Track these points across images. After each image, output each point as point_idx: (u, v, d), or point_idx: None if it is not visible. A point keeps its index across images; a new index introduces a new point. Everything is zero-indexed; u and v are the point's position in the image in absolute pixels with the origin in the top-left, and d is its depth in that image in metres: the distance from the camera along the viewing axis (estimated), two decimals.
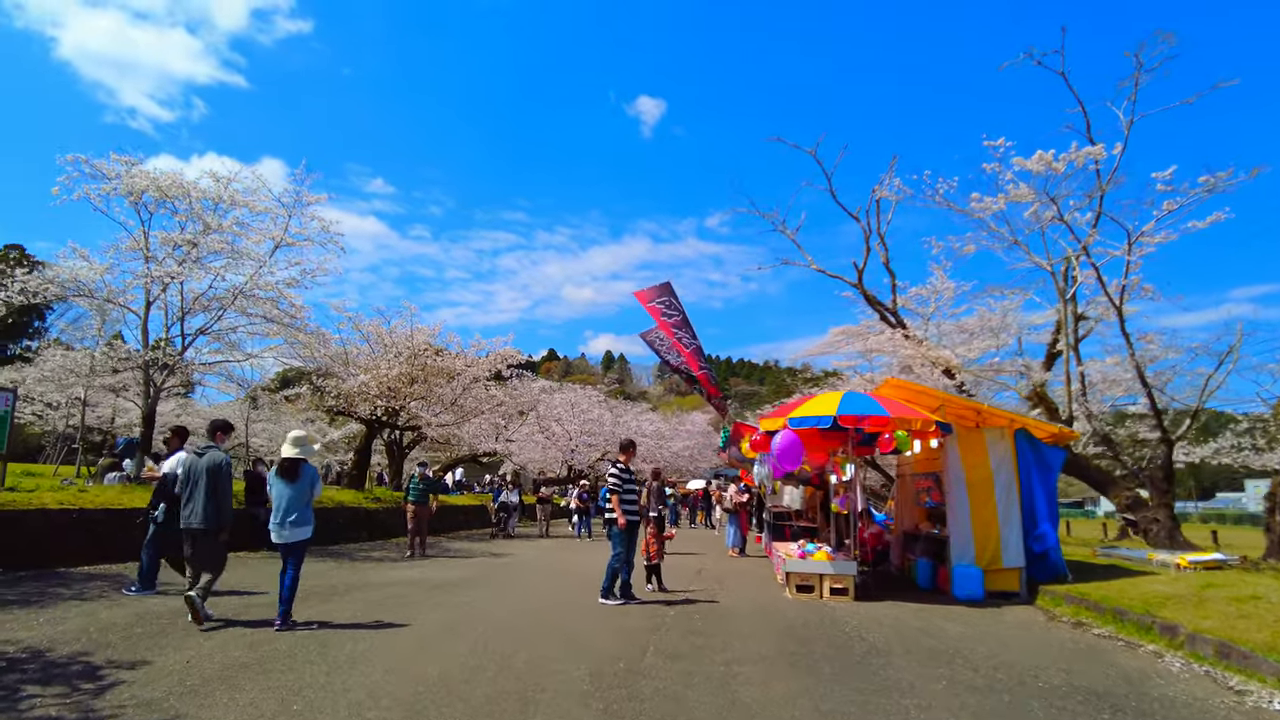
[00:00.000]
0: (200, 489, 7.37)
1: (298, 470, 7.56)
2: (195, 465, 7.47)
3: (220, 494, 7.44)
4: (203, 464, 7.45)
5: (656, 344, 19.02)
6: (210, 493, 7.36)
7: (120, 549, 11.80)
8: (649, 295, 16.30)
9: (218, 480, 7.44)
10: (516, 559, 15.23)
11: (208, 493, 7.35)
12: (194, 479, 7.42)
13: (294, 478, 7.51)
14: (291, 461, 7.56)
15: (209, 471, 7.41)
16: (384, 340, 23.19)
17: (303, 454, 7.66)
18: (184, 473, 7.55)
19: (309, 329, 18.09)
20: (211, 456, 7.52)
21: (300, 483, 7.55)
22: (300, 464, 7.60)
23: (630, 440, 10.46)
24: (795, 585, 10.37)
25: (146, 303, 16.12)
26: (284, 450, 7.68)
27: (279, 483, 7.49)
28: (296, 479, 7.52)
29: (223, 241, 15.77)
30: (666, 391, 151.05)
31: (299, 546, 7.58)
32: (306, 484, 7.59)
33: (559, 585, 11.16)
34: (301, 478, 7.57)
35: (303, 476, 7.58)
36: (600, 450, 42.63)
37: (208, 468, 7.42)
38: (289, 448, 7.67)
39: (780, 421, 10.56)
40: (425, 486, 16.16)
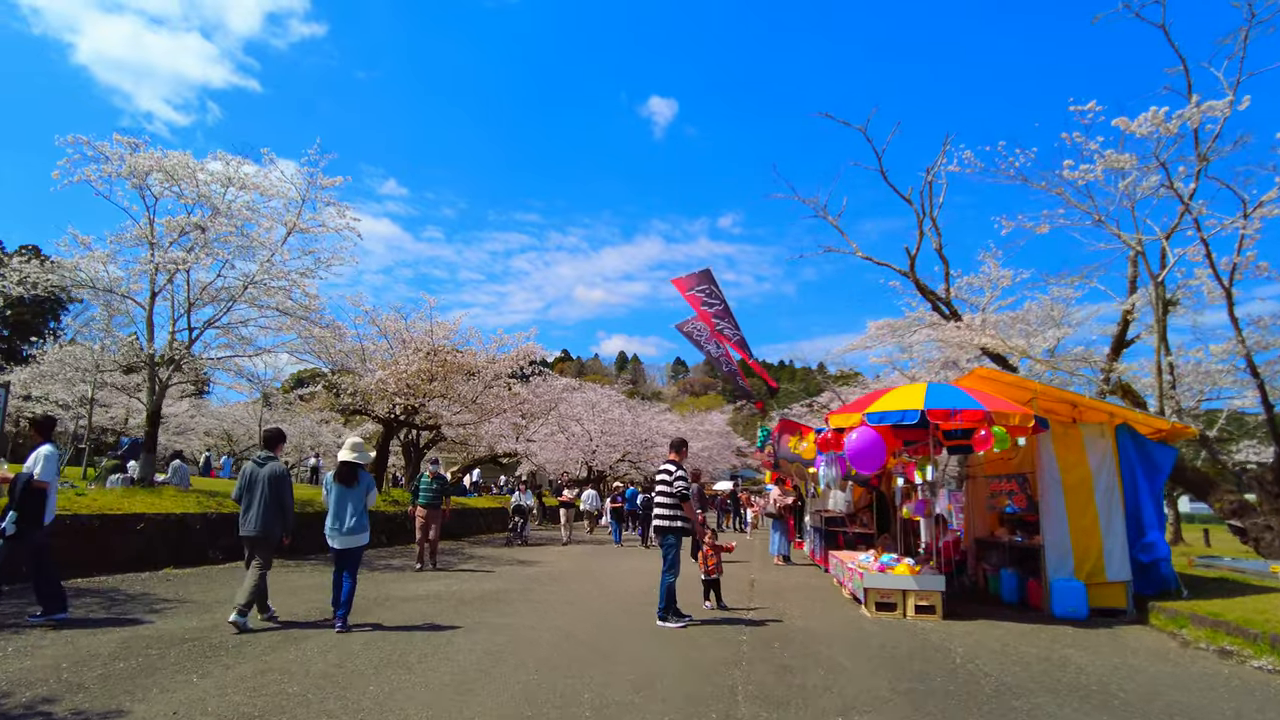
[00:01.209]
0: (260, 497, 7.54)
1: (356, 475, 7.71)
2: (256, 474, 7.65)
3: (284, 502, 7.65)
4: (264, 473, 7.63)
5: (694, 335, 17.82)
6: (273, 501, 7.57)
7: (118, 558, 10.73)
8: (687, 283, 15.11)
9: (280, 489, 7.65)
10: (548, 569, 14.05)
11: (269, 501, 7.55)
12: (253, 488, 7.60)
13: (352, 483, 7.67)
14: (350, 466, 7.68)
15: (270, 481, 7.60)
16: (402, 336, 22.09)
17: (360, 459, 7.79)
18: (243, 482, 7.68)
19: (324, 322, 17.01)
20: (272, 467, 7.71)
21: (359, 488, 7.71)
22: (359, 469, 7.75)
23: (683, 439, 9.26)
24: (875, 602, 9.14)
25: (151, 293, 15.04)
26: (342, 455, 7.79)
27: (337, 488, 7.64)
28: (355, 484, 7.69)
29: (232, 226, 14.67)
30: (680, 392, 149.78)
31: (358, 552, 7.70)
32: (364, 489, 7.76)
33: (605, 602, 9.96)
34: (360, 483, 7.74)
35: (361, 482, 7.76)
36: (620, 451, 41.45)
37: (269, 477, 7.61)
38: (347, 453, 7.78)
39: (855, 417, 9.33)
40: (439, 487, 14.26)
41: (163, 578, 10.45)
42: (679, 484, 8.42)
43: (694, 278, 15.10)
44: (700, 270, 15.11)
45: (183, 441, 40.70)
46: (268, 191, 15.49)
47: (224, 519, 13.05)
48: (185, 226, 14.76)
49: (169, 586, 9.63)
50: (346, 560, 7.60)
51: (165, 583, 10.00)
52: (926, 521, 10.60)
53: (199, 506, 12.94)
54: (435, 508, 13.98)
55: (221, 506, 13.47)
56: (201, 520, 12.54)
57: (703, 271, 15.13)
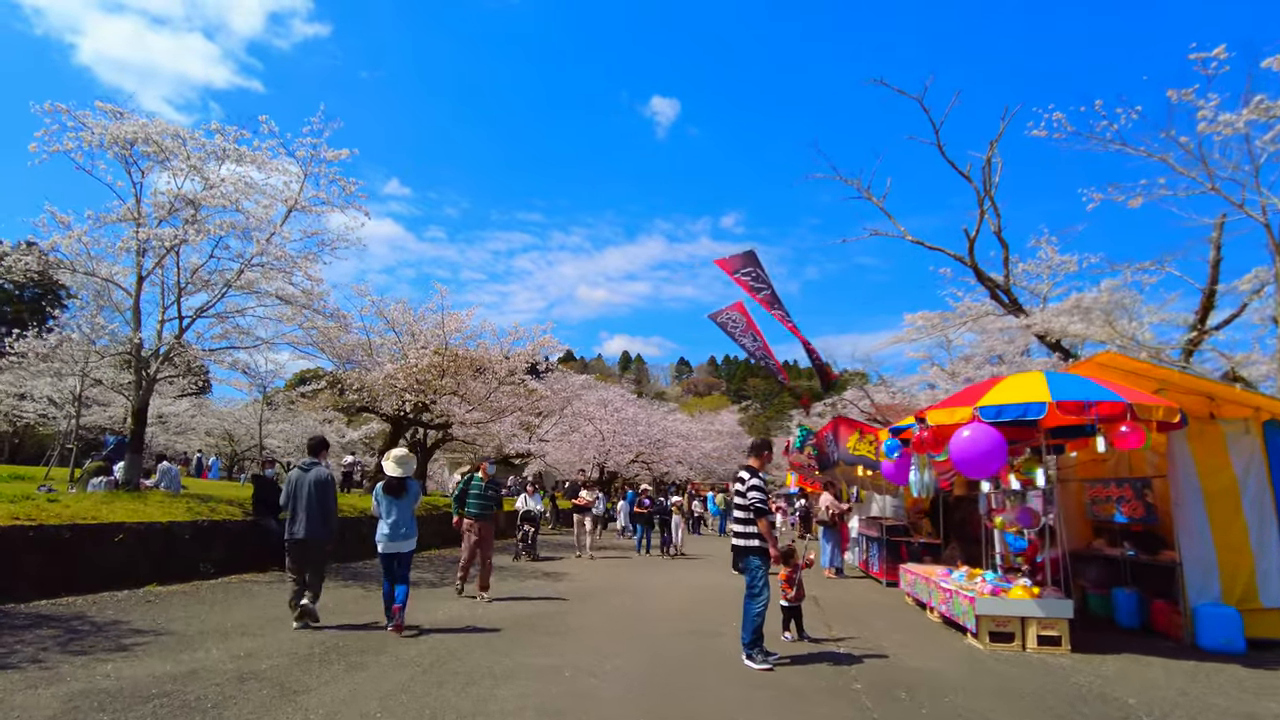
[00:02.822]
0: (305, 503, 7.85)
1: (404, 487, 8.07)
2: (301, 480, 7.95)
3: (328, 507, 8.01)
4: (309, 479, 7.94)
5: (729, 325, 16.33)
6: (319, 506, 7.89)
7: (91, 575, 9.26)
8: (733, 264, 13.64)
9: (325, 494, 7.98)
10: (576, 584, 12.52)
11: (315, 506, 7.87)
12: (300, 494, 7.90)
13: (401, 494, 8.03)
14: (399, 480, 8.05)
15: (316, 486, 7.92)
16: (411, 329, 20.65)
17: (405, 473, 8.14)
18: (290, 488, 7.99)
19: (328, 311, 15.52)
20: (317, 473, 8.04)
21: (407, 498, 8.07)
22: (406, 480, 8.11)
23: (766, 441, 7.72)
24: (989, 631, 7.65)
25: (138, 277, 13.55)
26: (389, 469, 8.10)
27: (387, 499, 8.00)
28: (403, 495, 8.04)
29: (227, 202, 13.19)
30: (685, 392, 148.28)
31: (407, 556, 8.05)
32: (412, 498, 8.14)
33: (657, 627, 8.47)
34: (408, 493, 8.08)
35: (409, 491, 8.10)
36: (634, 451, 40.00)
37: (314, 482, 7.93)
38: (394, 467, 8.10)
39: (962, 412, 7.82)
40: (493, 493, 10.91)
41: (143, 598, 8.97)
42: (753, 495, 6.90)
43: (739, 259, 13.65)
44: (744, 251, 13.67)
45: (183, 442, 39.32)
46: (266, 166, 14.00)
47: (216, 527, 11.58)
48: (174, 203, 13.33)
49: (147, 610, 8.16)
50: (399, 564, 7.94)
51: (144, 605, 8.52)
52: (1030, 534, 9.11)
53: (189, 513, 11.46)
54: (488, 518, 10.65)
55: (214, 513, 11.99)
56: (191, 529, 11.06)
57: (747, 253, 13.68)
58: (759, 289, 13.51)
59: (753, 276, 13.54)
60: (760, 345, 16.27)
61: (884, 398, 30.40)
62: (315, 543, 7.88)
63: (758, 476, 7.01)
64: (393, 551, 7.93)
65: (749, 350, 16.14)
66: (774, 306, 13.58)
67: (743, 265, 13.61)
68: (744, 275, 13.57)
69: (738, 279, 13.61)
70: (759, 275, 13.51)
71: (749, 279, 13.55)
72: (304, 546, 7.85)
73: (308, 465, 8.14)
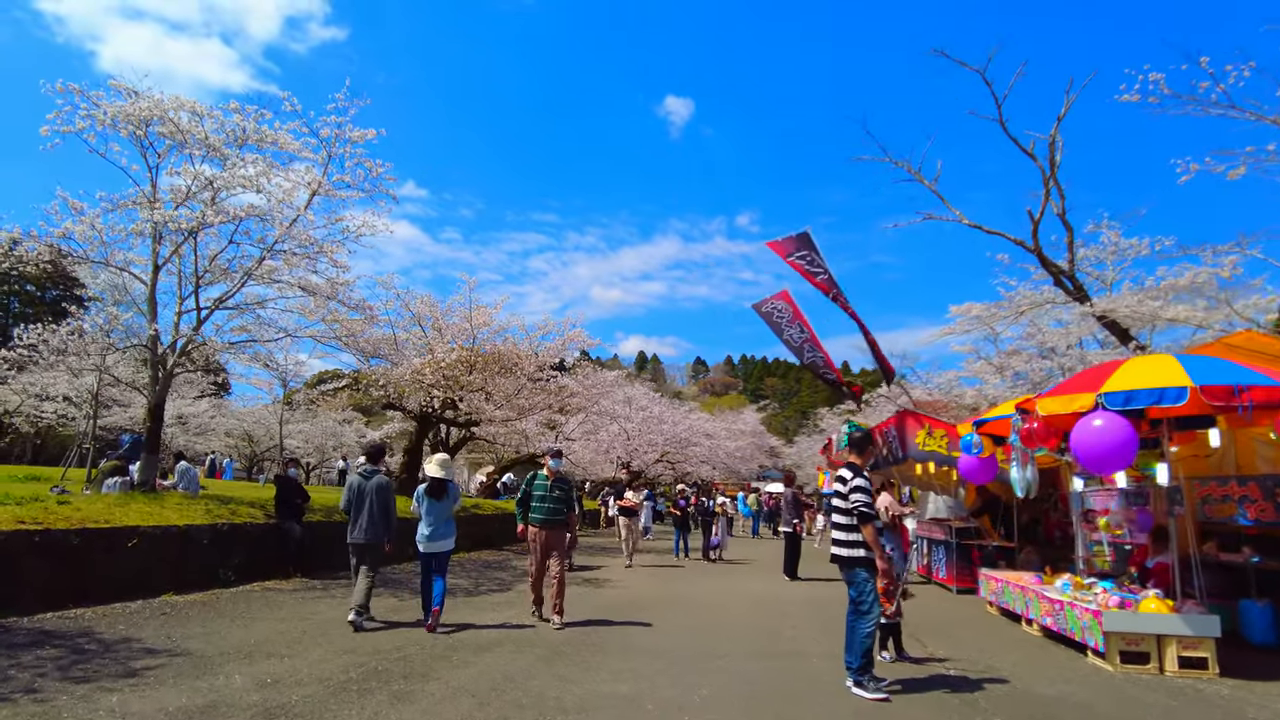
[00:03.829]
0: (368, 507, 8.24)
1: (445, 489, 8.32)
2: (364, 486, 8.34)
3: (388, 511, 8.36)
4: (371, 485, 8.33)
5: (774, 316, 15.33)
6: (380, 510, 8.28)
7: (103, 584, 8.44)
8: (787, 248, 12.63)
9: (385, 499, 8.35)
10: (632, 595, 11.57)
11: (376, 510, 8.26)
12: (363, 499, 8.28)
13: (441, 496, 8.28)
14: (439, 482, 8.29)
15: (377, 491, 8.31)
16: (438, 323, 19.80)
17: (447, 475, 8.39)
18: (352, 493, 8.38)
19: (353, 301, 14.66)
20: (378, 480, 8.41)
21: (446, 500, 8.32)
22: (446, 483, 8.36)
23: (868, 433, 6.74)
24: (1120, 650, 6.65)
25: (154, 265, 12.78)
26: (431, 472, 8.39)
27: (428, 500, 8.23)
28: (443, 497, 8.30)
29: (247, 183, 12.37)
30: (701, 392, 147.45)
31: (445, 555, 8.30)
32: (450, 500, 8.39)
33: (742, 652, 7.50)
34: (447, 495, 8.34)
35: (448, 494, 8.36)
36: (659, 450, 39.03)
37: (376, 488, 8.32)
38: (436, 469, 8.38)
39: (1084, 400, 6.82)
40: (563, 494, 8.80)
41: (158, 609, 8.13)
42: (857, 497, 5.92)
43: (792, 241, 12.66)
44: (798, 234, 12.68)
45: (203, 442, 38.78)
46: (287, 146, 13.15)
47: (237, 531, 10.75)
48: (191, 187, 12.55)
49: (162, 625, 7.31)
50: (436, 563, 8.20)
51: (159, 618, 7.69)
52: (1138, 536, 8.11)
53: (208, 516, 10.64)
54: (559, 524, 8.69)
55: (235, 516, 11.17)
56: (211, 533, 10.24)
57: (800, 235, 12.70)
58: (816, 273, 12.51)
59: (808, 260, 12.55)
60: (808, 337, 15.25)
61: (920, 394, 29.43)
62: (375, 545, 8.26)
63: (861, 475, 6.07)
64: (433, 551, 8.19)
65: (795, 343, 15.11)
66: (833, 291, 12.58)
67: (796, 248, 12.62)
68: (798, 259, 12.57)
69: (792, 262, 12.61)
70: (814, 259, 12.52)
71: (804, 263, 12.56)
72: (365, 549, 8.22)
73: (369, 472, 8.49)
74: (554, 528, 8.64)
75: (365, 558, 8.20)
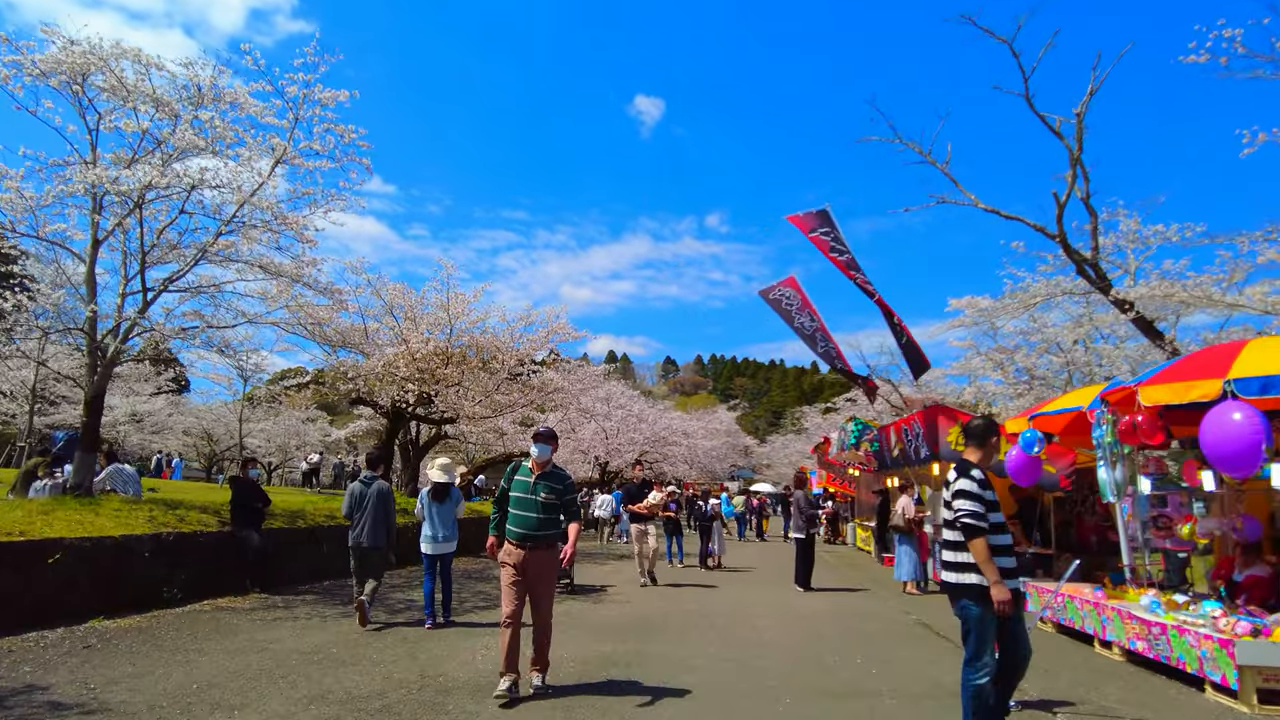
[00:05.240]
0: (369, 513, 8.33)
1: (448, 492, 8.67)
2: (365, 493, 8.43)
3: (388, 518, 8.48)
4: (372, 491, 8.44)
5: (782, 303, 14.28)
6: (382, 517, 8.40)
7: (10, 611, 7.00)
8: (810, 223, 11.50)
9: (386, 506, 8.47)
10: (638, 612, 10.37)
11: (377, 517, 8.37)
12: (364, 505, 8.37)
13: (444, 499, 8.61)
14: (443, 485, 8.62)
15: (379, 497, 8.42)
16: (412, 312, 18.36)
17: (449, 479, 8.73)
18: (354, 500, 8.44)
19: (319, 285, 13.21)
20: (378, 486, 8.53)
21: (449, 503, 8.65)
22: (449, 487, 8.70)
23: (991, 421, 5.19)
24: (1258, 688, 5.55)
25: (94, 240, 11.29)
26: (433, 476, 8.68)
27: (432, 504, 8.54)
28: (446, 500, 8.63)
29: (202, 143, 10.91)
30: (671, 391, 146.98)
31: (449, 557, 8.61)
32: (454, 503, 8.71)
33: (799, 690, 6.25)
34: (450, 498, 8.68)
35: (451, 497, 8.70)
36: (638, 449, 37.81)
37: (377, 494, 8.43)
38: (438, 473, 8.69)
39: (1207, 387, 5.72)
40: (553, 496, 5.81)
41: (81, 640, 6.72)
42: (961, 504, 4.56)
43: (814, 217, 11.53)
44: (818, 210, 11.55)
45: (159, 441, 36.81)
46: (248, 108, 11.69)
47: (185, 541, 9.31)
48: (136, 151, 11.10)
49: (82, 663, 5.91)
50: (439, 564, 8.49)
51: (81, 652, 6.28)
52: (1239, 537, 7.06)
53: (150, 525, 9.19)
54: (547, 545, 5.81)
55: (183, 523, 9.73)
56: (153, 544, 8.80)
57: (820, 212, 11.57)
58: (839, 251, 11.40)
59: (832, 238, 11.44)
60: (818, 325, 14.21)
61: (909, 391, 28.67)
62: (377, 550, 8.34)
63: (969, 477, 4.63)
64: (437, 553, 8.48)
65: (806, 331, 14.04)
66: (855, 272, 11.47)
67: (819, 224, 11.49)
68: (822, 235, 11.45)
69: (815, 239, 11.49)
70: (838, 236, 11.42)
71: (828, 239, 11.45)
72: (366, 553, 8.28)
73: (369, 479, 8.58)
74: (539, 546, 5.70)
75: (367, 563, 8.29)
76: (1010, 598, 4.32)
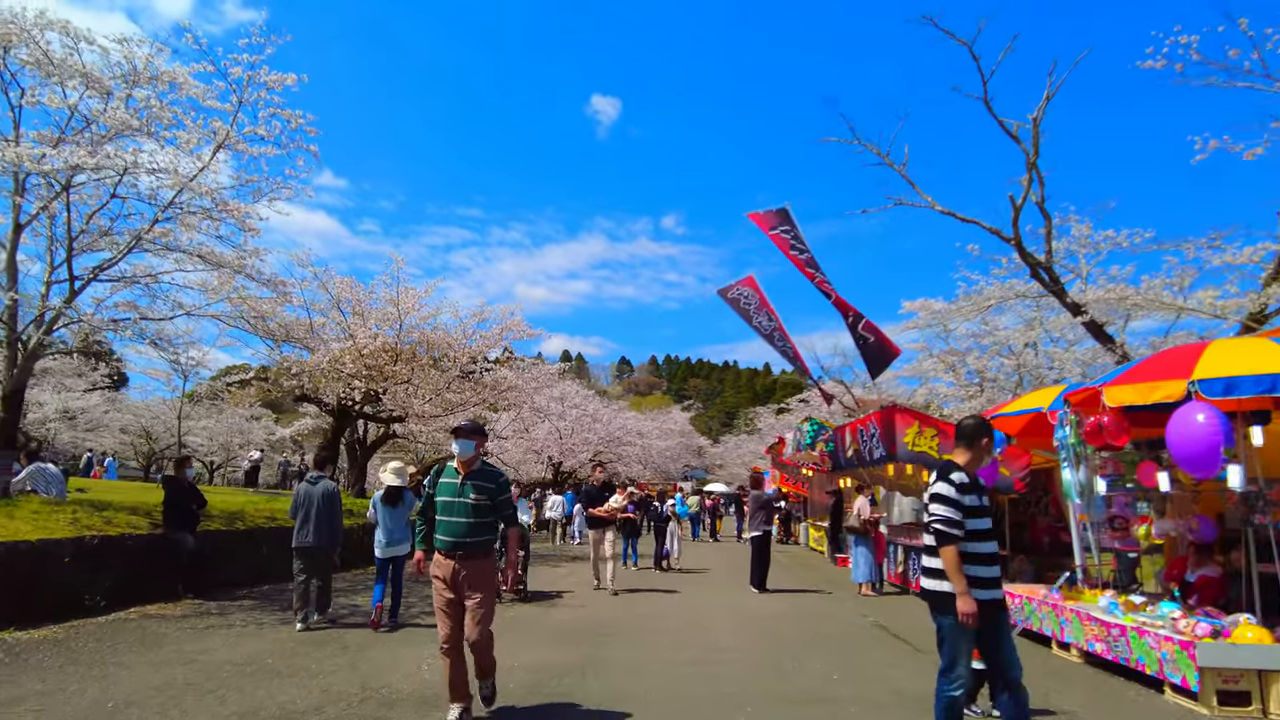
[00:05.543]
0: (314, 514, 8.18)
1: (401, 496, 8.61)
2: (310, 493, 8.31)
3: (335, 519, 8.41)
4: (317, 492, 8.34)
5: (740, 303, 14.16)
6: (327, 517, 8.28)
7: None
8: (770, 220, 11.35)
9: (333, 507, 8.38)
10: (595, 618, 10.10)
11: (323, 518, 8.23)
12: (309, 505, 8.22)
13: (396, 502, 8.55)
14: (396, 489, 8.58)
15: (324, 498, 8.31)
16: (360, 307, 17.83)
17: (402, 483, 8.69)
18: (299, 500, 8.30)
19: (262, 277, 12.67)
20: (324, 485, 8.48)
21: (402, 507, 8.59)
22: (402, 490, 8.66)
23: (982, 421, 4.69)
24: (1217, 690, 5.51)
25: (15, 223, 10.63)
26: (388, 480, 8.62)
27: (384, 508, 8.47)
28: (399, 504, 8.57)
29: (137, 124, 10.32)
30: (626, 391, 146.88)
31: (400, 560, 8.58)
32: (407, 507, 8.63)
33: (758, 697, 6.11)
34: (403, 502, 8.62)
35: (404, 501, 8.65)
36: (592, 449, 37.51)
37: (323, 495, 8.32)
38: (391, 477, 8.64)
39: (1172, 388, 5.66)
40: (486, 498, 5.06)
41: None
42: (936, 509, 4.26)
43: (774, 215, 11.39)
44: (778, 209, 11.42)
45: (94, 439, 35.31)
46: (190, 90, 11.12)
47: (110, 545, 8.76)
48: (63, 126, 10.51)
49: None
50: (391, 568, 8.50)
51: None
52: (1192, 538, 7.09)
53: (73, 528, 8.61)
54: (479, 555, 5.06)
55: (110, 525, 9.17)
56: (74, 548, 8.23)
57: (780, 210, 11.43)
58: (799, 250, 11.27)
59: (791, 236, 11.31)
60: (776, 325, 14.09)
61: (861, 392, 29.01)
62: (322, 551, 8.23)
63: (947, 480, 4.31)
64: (388, 556, 8.47)
65: (765, 330, 13.92)
66: (814, 270, 11.36)
67: (779, 222, 11.35)
68: (782, 233, 11.31)
69: (775, 236, 11.35)
70: (797, 235, 11.30)
71: (788, 237, 11.31)
72: (312, 554, 8.15)
73: (315, 479, 8.53)
74: (471, 555, 4.98)
75: (313, 563, 8.15)
76: (975, 610, 4.05)
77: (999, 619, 4.24)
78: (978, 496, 4.34)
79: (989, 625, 4.17)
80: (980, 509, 4.33)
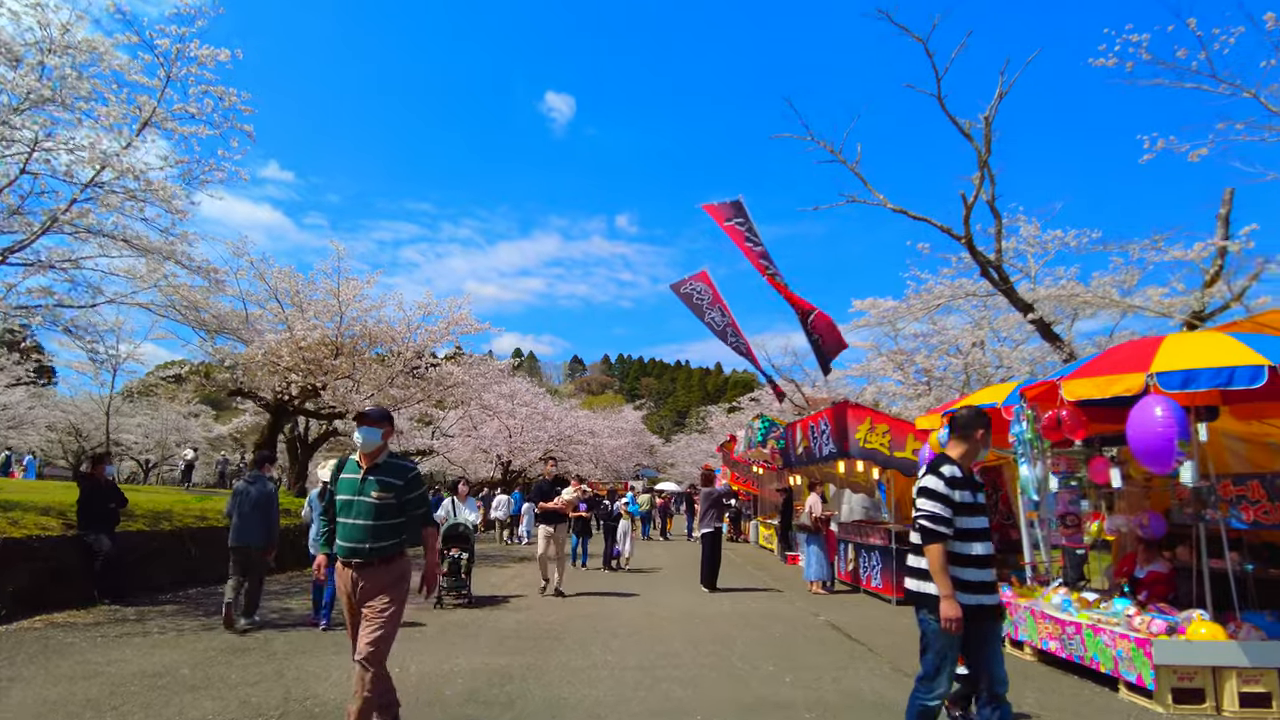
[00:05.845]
0: (251, 513, 8.12)
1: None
2: (248, 492, 8.23)
3: (272, 519, 8.32)
4: (254, 492, 8.25)
5: (693, 298, 13.97)
6: (263, 517, 8.19)
7: None
8: (724, 212, 11.14)
9: (269, 507, 8.29)
10: (542, 622, 9.75)
11: (259, 517, 8.15)
12: (246, 505, 8.14)
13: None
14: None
15: (262, 498, 8.23)
16: (299, 298, 17.15)
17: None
18: (236, 499, 8.20)
19: (194, 265, 12.03)
20: (261, 486, 8.37)
21: None
22: None
23: (977, 412, 4.39)
24: (1173, 687, 5.43)
25: None
26: (324, 476, 6.44)
27: (320, 504, 6.35)
28: None
29: (50, 96, 9.63)
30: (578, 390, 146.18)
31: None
32: None
33: (716, 704, 5.85)
34: None
35: None
36: (542, 448, 37.04)
37: (259, 495, 8.23)
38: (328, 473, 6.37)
39: (1130, 381, 5.58)
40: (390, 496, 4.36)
41: None
42: (923, 504, 4.00)
43: (729, 207, 11.19)
44: (733, 201, 11.23)
45: (17, 436, 33.66)
46: (113, 61, 10.45)
47: (15, 547, 8.13)
48: None
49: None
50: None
51: None
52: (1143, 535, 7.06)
53: None
54: (382, 562, 4.37)
55: (16, 527, 8.51)
56: None
57: (735, 202, 11.25)
58: (753, 244, 11.10)
59: (746, 228, 11.13)
60: (729, 321, 13.95)
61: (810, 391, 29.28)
62: (257, 551, 8.12)
63: (937, 473, 4.05)
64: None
65: (717, 327, 13.76)
66: (767, 263, 11.19)
67: (734, 214, 11.16)
68: (736, 225, 11.13)
69: (729, 228, 11.16)
70: (751, 228, 11.12)
71: (742, 229, 11.13)
72: (247, 554, 8.03)
73: (253, 479, 8.44)
74: (371, 563, 4.34)
75: (248, 563, 8.05)
76: (959, 615, 3.79)
77: (988, 628, 3.97)
78: (971, 493, 4.04)
79: (976, 633, 3.90)
80: (974, 506, 4.03)
